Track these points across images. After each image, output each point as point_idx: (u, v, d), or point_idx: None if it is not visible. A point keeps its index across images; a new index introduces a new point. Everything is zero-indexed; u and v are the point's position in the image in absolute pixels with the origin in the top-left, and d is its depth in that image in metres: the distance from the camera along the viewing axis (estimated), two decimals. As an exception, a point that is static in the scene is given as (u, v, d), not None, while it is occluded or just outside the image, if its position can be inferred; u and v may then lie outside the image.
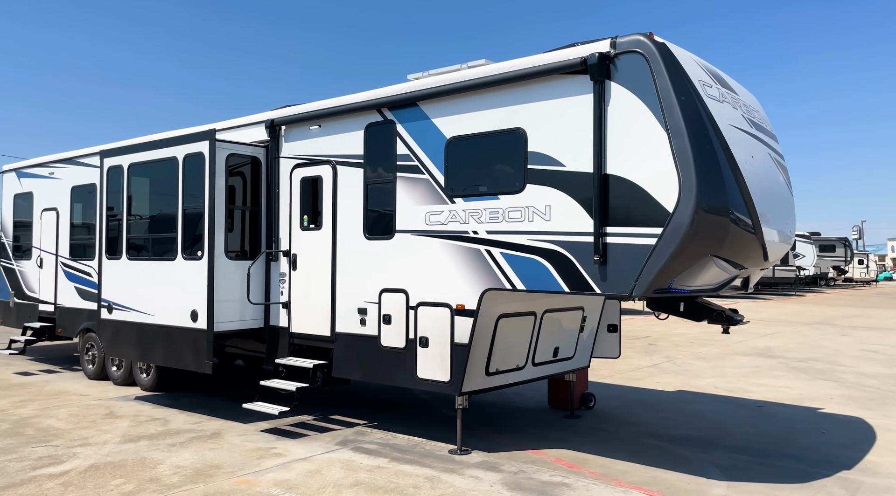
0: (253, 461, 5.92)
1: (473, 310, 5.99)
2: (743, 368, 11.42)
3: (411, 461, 5.93)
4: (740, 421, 7.62)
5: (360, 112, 6.95)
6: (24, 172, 11.83)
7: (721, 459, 6.07)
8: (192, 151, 7.47)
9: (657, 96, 4.91)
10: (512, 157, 5.77)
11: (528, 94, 5.67)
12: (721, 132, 5.00)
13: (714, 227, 4.86)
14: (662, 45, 5.02)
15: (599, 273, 5.19)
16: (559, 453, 6.22)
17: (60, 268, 10.68)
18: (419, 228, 6.44)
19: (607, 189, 5.16)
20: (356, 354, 6.93)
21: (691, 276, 5.06)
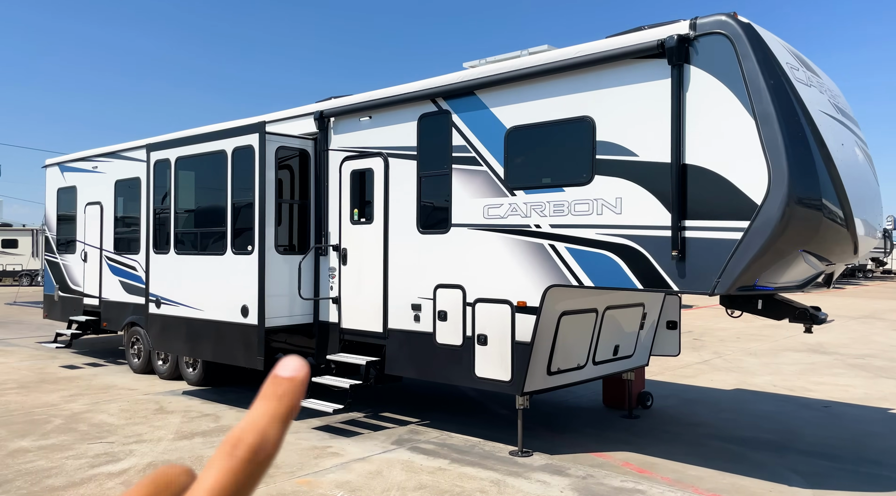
0: (310, 460, 5.78)
1: (536, 308, 5.75)
2: (798, 365, 11.00)
3: (473, 463, 5.74)
4: (808, 422, 7.27)
5: (413, 102, 6.73)
6: (66, 166, 11.87)
7: (799, 464, 5.77)
8: (242, 144, 7.33)
9: (743, 80, 4.60)
10: (578, 146, 5.50)
11: (597, 80, 5.39)
12: (812, 118, 4.67)
13: (806, 220, 4.55)
14: (748, 26, 4.70)
15: (677, 269, 4.91)
16: (625, 456, 5.98)
17: (105, 262, 10.70)
18: (476, 222, 6.21)
19: (686, 180, 4.87)
20: (410, 351, 6.75)
21: (778, 273, 4.75)
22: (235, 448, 0.30)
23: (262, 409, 0.31)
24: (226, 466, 0.30)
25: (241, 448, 0.30)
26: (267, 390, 0.31)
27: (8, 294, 26.83)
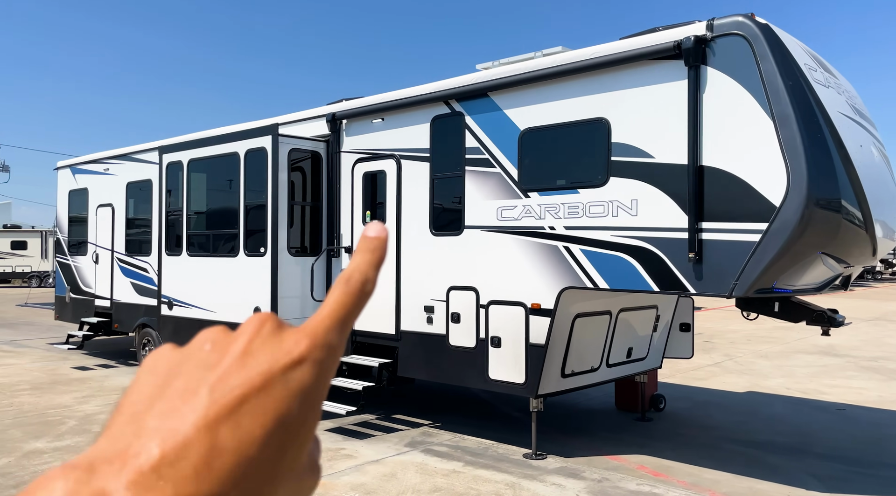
0: (324, 462, 5.78)
1: (550, 310, 5.73)
2: (811, 368, 10.93)
3: (487, 465, 5.73)
4: (824, 425, 7.22)
5: (425, 104, 6.73)
6: (78, 169, 11.93)
7: (816, 468, 5.72)
8: (254, 147, 7.35)
9: (761, 81, 4.57)
10: (593, 148, 5.49)
11: (612, 81, 5.37)
12: (831, 119, 4.64)
13: (825, 222, 4.51)
14: (766, 27, 4.67)
15: (694, 271, 4.88)
16: (640, 459, 5.95)
17: (116, 263, 10.74)
18: (490, 224, 6.20)
19: (703, 182, 4.85)
20: (423, 353, 6.74)
21: (796, 275, 4.72)
22: (348, 281, 0.38)
23: (360, 258, 0.39)
24: (342, 292, 0.38)
25: (352, 281, 0.38)
26: (361, 246, 0.39)
27: (18, 295, 27.00)
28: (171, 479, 0.30)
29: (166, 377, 0.35)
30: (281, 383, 0.33)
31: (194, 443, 0.31)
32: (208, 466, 0.31)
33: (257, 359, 0.34)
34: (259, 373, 0.33)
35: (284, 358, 0.34)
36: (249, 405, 0.32)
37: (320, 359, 0.35)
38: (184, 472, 0.30)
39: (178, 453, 0.31)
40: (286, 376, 0.34)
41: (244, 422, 0.32)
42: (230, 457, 0.31)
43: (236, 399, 0.32)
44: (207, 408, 0.32)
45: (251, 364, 0.34)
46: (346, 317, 0.37)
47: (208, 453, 0.31)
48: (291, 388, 0.33)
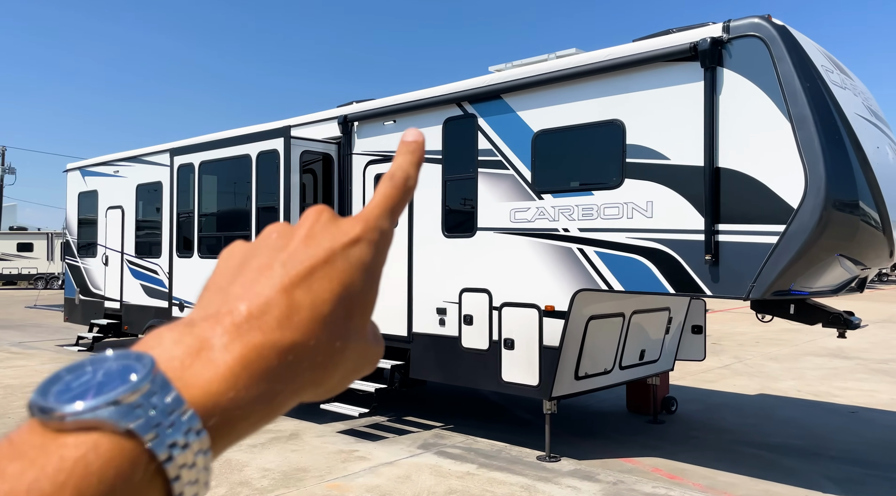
0: (338, 464, 5.78)
1: (564, 312, 5.73)
2: (821, 370, 10.89)
3: (501, 468, 5.72)
4: (837, 428, 7.19)
5: (438, 106, 6.74)
6: (88, 171, 11.97)
7: (831, 471, 5.70)
8: (266, 148, 7.37)
9: (778, 83, 4.56)
10: (608, 150, 5.48)
11: (627, 83, 5.37)
12: (848, 121, 4.63)
13: (843, 224, 4.50)
14: (783, 28, 4.67)
15: (710, 273, 4.87)
16: (654, 462, 5.93)
17: (126, 265, 10.77)
18: (503, 226, 6.20)
19: (719, 183, 4.84)
20: (435, 355, 6.74)
21: (814, 277, 4.70)
22: (392, 177, 0.42)
23: (401, 159, 0.44)
24: (388, 186, 0.42)
25: (396, 177, 0.42)
26: (402, 149, 0.44)
27: (24, 297, 27.09)
28: (258, 328, 0.35)
29: (242, 259, 0.40)
30: (342, 258, 0.39)
31: (275, 301, 0.36)
32: (289, 319, 0.36)
33: (319, 240, 0.39)
34: (323, 249, 0.39)
35: (343, 237, 0.39)
36: (318, 274, 0.38)
37: (374, 240, 0.40)
38: (269, 323, 0.36)
39: (262, 309, 0.36)
40: (346, 252, 0.39)
41: (315, 286, 0.37)
42: (306, 312, 0.37)
43: (306, 269, 0.38)
44: (282, 277, 0.37)
45: (314, 244, 0.39)
46: (393, 206, 0.42)
47: (288, 308, 0.36)
48: (352, 262, 0.39)
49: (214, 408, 0.33)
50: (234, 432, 0.34)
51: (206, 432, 0.32)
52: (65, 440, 0.30)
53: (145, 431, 0.30)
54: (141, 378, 0.31)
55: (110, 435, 0.30)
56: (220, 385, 0.33)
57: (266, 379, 0.35)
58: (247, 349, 0.35)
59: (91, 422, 0.30)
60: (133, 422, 0.30)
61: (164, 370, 0.33)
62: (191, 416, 0.32)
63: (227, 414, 0.33)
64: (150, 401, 0.31)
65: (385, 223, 0.41)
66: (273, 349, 0.35)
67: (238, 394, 0.34)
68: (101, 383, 0.31)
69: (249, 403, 0.34)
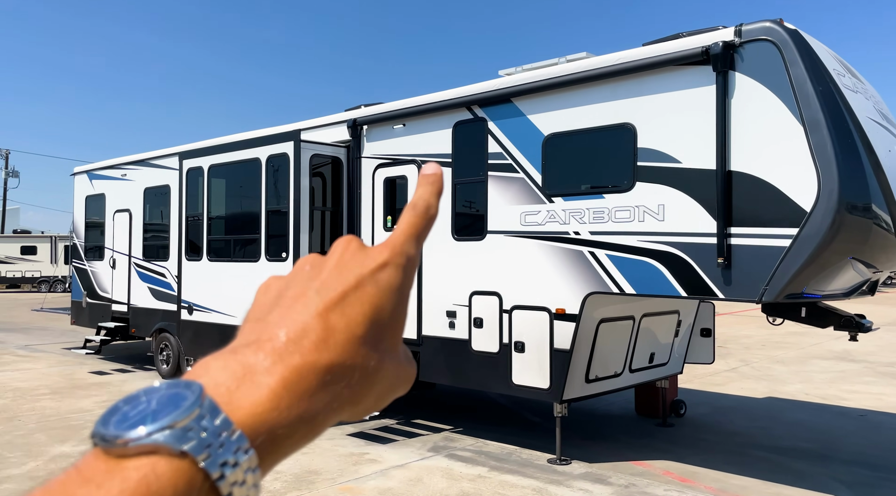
0: (350, 467, 5.79)
1: (575, 315, 5.74)
2: (828, 373, 10.88)
3: (512, 471, 5.72)
4: (846, 431, 7.19)
5: (447, 110, 6.76)
6: (95, 174, 12.02)
7: (842, 474, 5.70)
8: (276, 152, 7.39)
9: (791, 87, 4.58)
10: (619, 153, 5.50)
11: (638, 87, 5.39)
12: (860, 124, 4.65)
13: (856, 227, 4.51)
14: (795, 32, 4.69)
15: (723, 276, 4.88)
16: (665, 465, 5.93)
17: (133, 268, 10.80)
18: (513, 229, 6.21)
19: (731, 187, 4.85)
20: (445, 358, 6.75)
21: (826, 280, 4.71)
22: (415, 207, 0.45)
23: (422, 190, 0.46)
24: (411, 215, 0.45)
25: (418, 206, 0.45)
26: (422, 181, 0.47)
27: (28, 300, 27.15)
28: (297, 351, 0.38)
29: (278, 291, 0.43)
30: (371, 282, 0.42)
31: (311, 326, 0.39)
32: (325, 341, 0.39)
33: (350, 267, 0.42)
34: (354, 275, 0.42)
35: (371, 263, 0.42)
36: (350, 298, 0.41)
37: (401, 264, 0.43)
38: (307, 347, 0.38)
39: (300, 334, 0.39)
40: (375, 277, 0.42)
41: (348, 310, 0.40)
42: (341, 334, 0.39)
43: (339, 295, 0.41)
44: (317, 303, 0.40)
45: (346, 272, 0.42)
46: (417, 234, 0.45)
47: (324, 331, 0.39)
48: (381, 286, 0.42)
49: (261, 427, 0.36)
50: (280, 450, 0.37)
51: (254, 450, 0.35)
52: (126, 464, 0.32)
53: (198, 452, 0.33)
54: (191, 403, 0.34)
55: (167, 457, 0.33)
56: (265, 406, 0.36)
57: (307, 398, 0.37)
58: (288, 371, 0.37)
59: (149, 446, 0.33)
60: (187, 444, 0.33)
61: (212, 395, 0.35)
62: (239, 436, 0.34)
63: (273, 433, 0.36)
64: (201, 424, 0.34)
65: (411, 248, 0.44)
66: (312, 370, 0.38)
67: (281, 414, 0.36)
68: (155, 411, 0.34)
69: (292, 422, 0.37)
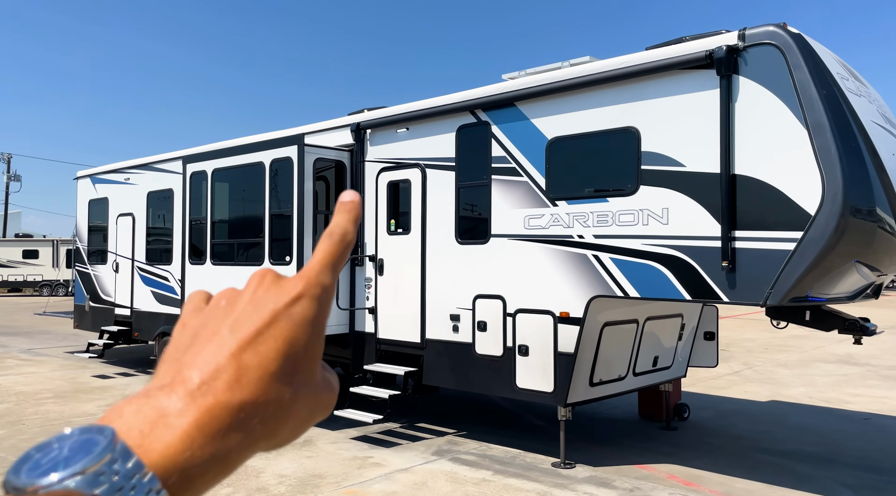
0: (354, 471, 5.79)
1: (580, 318, 5.74)
2: (831, 377, 10.86)
3: (516, 474, 5.72)
4: (850, 434, 7.18)
5: (451, 114, 6.78)
6: (98, 178, 12.04)
7: (848, 478, 5.69)
8: (280, 156, 7.41)
9: (795, 91, 4.59)
10: (623, 157, 5.51)
11: (642, 91, 5.41)
12: (864, 128, 4.66)
13: (861, 230, 4.52)
14: (798, 36, 4.70)
15: (727, 280, 4.89)
16: (669, 468, 5.93)
17: (136, 272, 10.81)
18: (517, 232, 6.22)
19: (736, 190, 4.86)
20: (448, 362, 6.75)
21: (831, 284, 4.72)
22: (331, 235, 0.45)
23: (339, 218, 0.47)
24: (327, 244, 0.45)
25: (334, 234, 0.45)
26: (339, 209, 0.47)
27: (30, 304, 27.17)
28: (210, 393, 0.39)
29: (194, 329, 0.43)
30: (285, 317, 0.42)
31: (224, 366, 0.40)
32: (238, 381, 0.40)
33: (264, 303, 0.43)
34: (268, 311, 0.42)
35: (285, 297, 0.43)
36: (263, 335, 0.41)
37: (316, 295, 0.44)
38: (220, 387, 0.39)
39: (213, 375, 0.40)
40: (289, 311, 0.42)
41: (261, 348, 0.41)
42: (254, 372, 0.40)
43: (253, 333, 0.41)
44: (230, 343, 0.41)
45: (260, 307, 0.43)
46: (333, 262, 0.45)
47: (236, 371, 0.40)
48: (295, 319, 0.42)
49: (173, 468, 0.37)
50: (194, 488, 0.38)
51: (166, 491, 0.36)
52: None
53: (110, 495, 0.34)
54: (103, 448, 0.35)
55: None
56: (177, 447, 0.37)
57: (220, 437, 0.38)
58: (200, 412, 0.38)
59: (60, 492, 0.33)
60: (98, 489, 0.34)
61: (125, 439, 0.36)
62: (151, 478, 0.35)
63: (186, 472, 0.37)
64: (113, 468, 0.34)
65: (326, 278, 0.44)
66: (225, 410, 0.39)
67: (194, 454, 0.37)
68: (67, 457, 0.34)
69: (206, 461, 0.38)
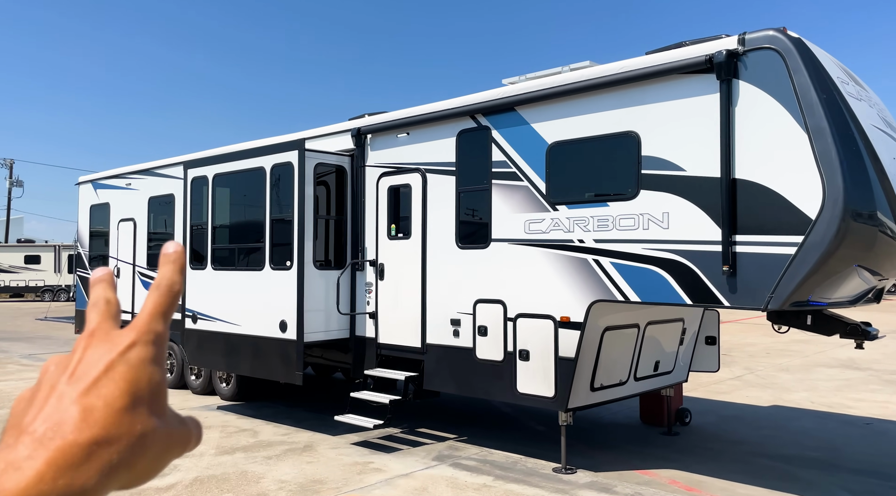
0: (354, 476, 5.77)
1: (580, 323, 5.73)
2: (834, 381, 10.83)
3: (517, 480, 5.70)
4: (852, 439, 7.15)
5: (451, 119, 6.79)
6: (100, 184, 12.06)
7: (850, 483, 5.66)
8: (281, 161, 7.42)
9: (795, 95, 4.59)
10: (623, 161, 5.51)
11: (642, 95, 5.41)
12: (864, 132, 4.65)
13: (861, 234, 4.51)
14: (798, 41, 4.71)
15: (728, 284, 4.88)
16: (671, 474, 5.90)
17: (138, 277, 10.81)
18: (517, 237, 6.22)
19: (736, 195, 4.86)
20: (449, 367, 6.74)
21: (832, 288, 4.70)
22: (158, 288, 0.48)
23: (164, 269, 0.49)
24: (155, 295, 0.48)
25: (161, 286, 0.48)
26: (163, 260, 0.49)
27: (32, 309, 27.17)
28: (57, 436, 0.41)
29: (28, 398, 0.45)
30: (122, 362, 0.45)
31: (69, 412, 0.42)
32: (85, 420, 0.42)
33: (98, 355, 0.45)
34: (103, 362, 0.45)
35: (119, 347, 0.45)
36: (103, 381, 0.43)
37: (149, 340, 0.46)
38: (67, 430, 0.41)
39: (59, 422, 0.42)
40: (124, 357, 0.45)
41: (104, 390, 0.43)
42: (101, 411, 0.42)
43: (92, 380, 0.44)
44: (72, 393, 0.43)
45: (95, 360, 0.45)
46: (163, 311, 0.48)
47: (83, 412, 0.42)
48: (132, 363, 0.45)
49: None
50: None
51: None
52: None
53: None
54: None
55: None
56: (29, 483, 0.39)
57: (73, 470, 0.40)
58: (49, 452, 0.40)
59: None
60: None
61: None
62: None
63: None
64: None
65: (157, 325, 0.47)
66: (75, 447, 0.40)
67: (47, 487, 0.39)
68: None
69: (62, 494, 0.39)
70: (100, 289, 0.50)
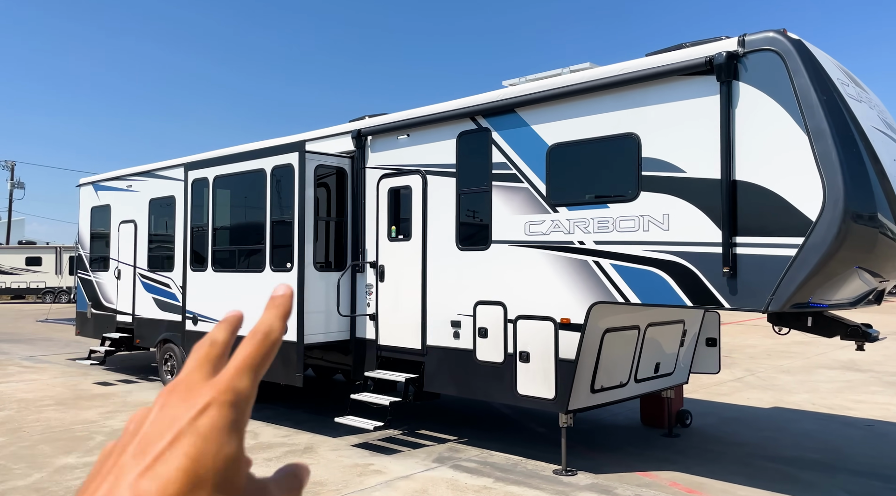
0: (354, 478, 5.77)
1: (580, 325, 5.73)
2: (834, 383, 10.81)
3: (517, 482, 5.69)
4: (853, 441, 7.13)
5: (451, 120, 6.79)
6: (101, 185, 12.08)
7: (851, 485, 5.65)
8: (281, 163, 7.43)
9: (795, 96, 4.60)
10: (623, 163, 5.51)
11: (642, 97, 5.41)
12: (865, 134, 4.65)
13: (862, 236, 4.51)
14: (798, 42, 4.71)
15: (728, 286, 4.88)
16: (672, 476, 5.89)
17: (138, 279, 10.82)
18: (517, 238, 6.22)
19: (736, 196, 4.86)
20: (449, 368, 6.74)
21: (832, 289, 4.70)
22: (254, 336, 0.43)
23: (267, 314, 0.45)
24: (248, 345, 0.43)
25: (257, 334, 0.43)
26: (270, 303, 0.45)
27: (33, 311, 27.19)
28: None
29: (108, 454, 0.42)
30: (190, 432, 0.39)
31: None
32: None
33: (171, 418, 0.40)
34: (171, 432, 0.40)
35: (191, 411, 0.40)
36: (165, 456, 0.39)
37: (227, 401, 0.41)
38: None
39: None
40: (194, 425, 0.40)
41: (161, 470, 0.38)
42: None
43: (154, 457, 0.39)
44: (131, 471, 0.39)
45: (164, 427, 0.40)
46: (254, 365, 0.43)
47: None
48: (202, 432, 0.39)
49: None
50: None
51: None
52: None
53: None
54: None
55: None
56: None
57: None
58: None
59: None
60: None
61: None
62: None
63: None
64: None
65: (242, 382, 0.42)
66: None
67: None
68: None
69: None
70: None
